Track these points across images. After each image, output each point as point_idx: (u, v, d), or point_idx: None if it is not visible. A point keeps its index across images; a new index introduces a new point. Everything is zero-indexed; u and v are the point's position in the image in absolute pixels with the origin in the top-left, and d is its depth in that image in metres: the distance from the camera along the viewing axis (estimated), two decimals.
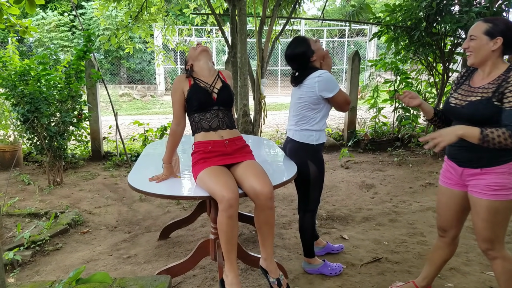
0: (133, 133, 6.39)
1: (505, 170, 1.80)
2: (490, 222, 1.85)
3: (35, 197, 4.15)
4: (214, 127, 2.25)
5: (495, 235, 1.88)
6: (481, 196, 1.86)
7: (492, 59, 1.82)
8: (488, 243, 1.90)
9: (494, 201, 1.82)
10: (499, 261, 1.91)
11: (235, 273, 2.05)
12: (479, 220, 1.89)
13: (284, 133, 7.87)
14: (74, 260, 2.85)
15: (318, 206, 2.64)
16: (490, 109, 1.77)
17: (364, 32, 16.67)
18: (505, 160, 1.80)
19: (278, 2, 5.31)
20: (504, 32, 1.77)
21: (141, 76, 15.55)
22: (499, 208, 1.83)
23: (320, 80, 2.33)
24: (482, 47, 1.81)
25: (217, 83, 2.32)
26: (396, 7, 5.23)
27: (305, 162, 2.45)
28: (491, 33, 1.79)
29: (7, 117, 5.20)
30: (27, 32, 3.72)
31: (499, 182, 1.81)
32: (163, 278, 1.86)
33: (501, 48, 1.80)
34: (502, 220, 1.85)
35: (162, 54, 7.90)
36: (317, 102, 2.40)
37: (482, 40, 1.81)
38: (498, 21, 1.80)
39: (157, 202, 4.05)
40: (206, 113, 2.26)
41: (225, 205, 1.93)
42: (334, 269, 2.60)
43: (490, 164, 1.82)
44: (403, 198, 4.12)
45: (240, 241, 3.03)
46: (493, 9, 4.55)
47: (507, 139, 1.67)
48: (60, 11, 14.76)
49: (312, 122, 2.44)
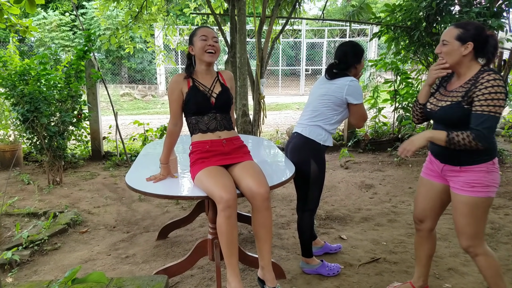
0: (133, 133, 6.40)
1: (482, 169, 1.88)
2: (470, 218, 1.92)
3: (34, 196, 4.15)
4: (212, 129, 2.24)
5: (476, 231, 1.94)
6: (461, 192, 1.94)
7: (465, 63, 1.88)
8: (470, 240, 1.96)
9: (472, 197, 1.90)
10: (481, 257, 1.97)
11: (238, 279, 2.02)
12: (459, 215, 1.96)
13: (284, 133, 7.86)
14: (73, 259, 2.85)
15: (318, 206, 2.64)
16: (460, 113, 1.84)
17: (365, 32, 16.65)
18: (483, 159, 1.87)
19: (278, 2, 5.30)
20: (474, 37, 1.83)
21: (142, 76, 15.57)
22: (478, 203, 1.90)
23: (351, 85, 2.40)
24: (454, 52, 1.87)
25: (216, 87, 2.28)
26: (396, 7, 5.22)
27: (308, 160, 2.47)
28: (462, 38, 1.85)
29: (7, 117, 5.21)
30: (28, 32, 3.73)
31: (476, 179, 1.88)
32: (160, 278, 1.86)
33: (472, 52, 1.85)
34: (481, 215, 1.92)
35: (163, 54, 7.91)
36: (339, 104, 2.45)
37: (453, 45, 1.87)
38: (469, 26, 1.85)
39: (156, 202, 4.05)
40: (203, 116, 2.24)
41: (223, 206, 1.93)
42: (332, 270, 2.59)
43: (469, 163, 1.90)
44: (402, 198, 4.11)
45: (239, 241, 3.03)
46: (493, 9, 4.54)
47: (471, 142, 1.77)
48: (61, 11, 14.78)
49: (327, 121, 2.48)
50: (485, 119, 1.76)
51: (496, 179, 1.90)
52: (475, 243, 1.95)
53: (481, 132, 1.76)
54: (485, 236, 1.99)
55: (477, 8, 4.53)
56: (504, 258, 2.77)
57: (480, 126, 1.76)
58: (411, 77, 6.22)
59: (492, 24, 4.39)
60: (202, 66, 2.28)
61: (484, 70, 1.84)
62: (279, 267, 2.52)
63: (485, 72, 1.82)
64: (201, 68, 2.29)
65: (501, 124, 7.57)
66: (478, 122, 1.77)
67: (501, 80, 1.78)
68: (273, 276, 2.14)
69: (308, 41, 16.25)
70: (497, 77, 1.78)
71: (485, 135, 1.76)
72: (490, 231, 3.23)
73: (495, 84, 1.76)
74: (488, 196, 1.89)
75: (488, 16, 4.44)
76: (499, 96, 1.75)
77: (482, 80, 1.79)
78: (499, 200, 3.98)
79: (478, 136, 1.76)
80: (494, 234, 3.18)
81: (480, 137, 1.76)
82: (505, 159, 5.35)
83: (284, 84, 16.69)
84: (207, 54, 2.22)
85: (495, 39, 1.85)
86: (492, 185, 1.89)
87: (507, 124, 7.36)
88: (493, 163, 1.89)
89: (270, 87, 16.18)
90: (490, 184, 1.88)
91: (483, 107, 1.76)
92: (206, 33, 2.23)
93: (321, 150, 2.49)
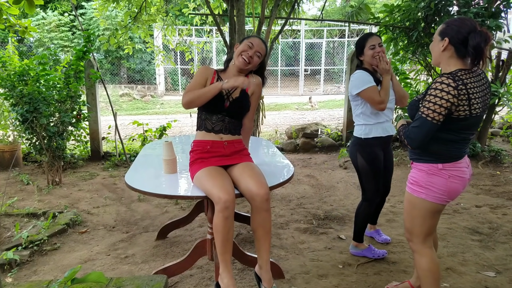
0: (132, 133, 6.41)
1: (423, 168, 1.89)
2: (407, 214, 1.97)
3: (34, 197, 4.16)
4: (216, 130, 2.25)
5: (412, 228, 1.97)
6: (406, 187, 2.00)
7: (444, 59, 1.83)
8: (407, 233, 2.02)
9: (409, 194, 1.95)
10: (416, 255, 2.01)
11: (230, 275, 2.06)
12: (404, 209, 2.02)
13: (283, 133, 7.87)
14: (72, 260, 2.86)
15: (377, 197, 2.75)
16: (414, 111, 1.88)
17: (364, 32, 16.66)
18: (425, 159, 1.89)
19: (277, 3, 5.31)
20: (451, 33, 1.77)
21: (141, 76, 15.56)
22: (414, 202, 1.93)
23: (351, 79, 2.60)
24: (435, 47, 1.87)
25: (236, 91, 2.26)
26: (395, 7, 5.24)
27: (355, 154, 2.68)
28: (442, 33, 1.81)
29: (6, 117, 5.21)
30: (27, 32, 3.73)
31: (415, 177, 1.92)
32: (159, 278, 1.86)
33: (451, 49, 1.79)
34: (417, 216, 1.93)
35: (162, 54, 7.91)
36: (353, 98, 2.64)
37: (435, 40, 1.87)
38: (451, 22, 1.79)
39: (155, 202, 4.06)
40: (213, 115, 2.25)
41: (221, 207, 1.94)
42: (377, 253, 2.79)
43: (416, 160, 1.94)
44: (400, 198, 4.12)
45: (237, 241, 3.04)
46: (491, 9, 4.56)
47: (401, 137, 1.89)
48: (61, 11, 14.77)
49: (357, 115, 2.68)
50: (417, 119, 1.80)
51: (438, 184, 1.83)
52: (411, 238, 2.01)
53: (410, 131, 1.81)
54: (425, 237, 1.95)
55: (475, 8, 4.55)
56: (502, 258, 2.78)
57: (412, 125, 1.81)
58: (410, 77, 6.23)
59: (490, 25, 4.40)
60: (234, 67, 2.31)
61: (443, 74, 1.77)
62: (278, 267, 2.53)
63: (443, 75, 1.75)
64: (233, 69, 2.32)
65: (499, 124, 7.59)
66: (414, 121, 1.82)
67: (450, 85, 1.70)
68: (270, 277, 2.15)
69: (307, 41, 16.27)
70: (445, 82, 1.71)
71: (411, 137, 1.81)
72: (487, 231, 3.25)
73: (437, 87, 1.72)
74: (421, 198, 1.87)
75: (486, 17, 4.46)
76: (435, 101, 1.71)
77: (430, 87, 1.78)
78: (497, 200, 3.99)
79: (406, 134, 1.81)
80: (492, 234, 3.19)
81: (406, 135, 1.81)
82: (503, 159, 5.37)
83: (283, 84, 16.69)
84: (240, 58, 2.24)
85: (478, 38, 1.70)
86: (429, 188, 1.84)
87: (505, 124, 7.38)
88: (437, 167, 1.84)
89: (269, 87, 16.19)
90: (426, 186, 1.85)
91: (421, 108, 1.79)
92: (255, 44, 2.26)
93: (366, 144, 2.62)
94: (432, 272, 1.97)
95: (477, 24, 1.76)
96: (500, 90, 5.08)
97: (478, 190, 4.33)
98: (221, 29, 5.53)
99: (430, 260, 1.97)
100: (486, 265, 2.69)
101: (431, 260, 1.97)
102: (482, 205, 3.86)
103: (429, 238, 1.98)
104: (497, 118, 6.97)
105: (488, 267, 2.67)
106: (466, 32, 1.73)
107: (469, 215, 3.60)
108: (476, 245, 3.00)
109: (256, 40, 2.26)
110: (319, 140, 6.53)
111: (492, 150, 5.49)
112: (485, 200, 4.00)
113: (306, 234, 3.24)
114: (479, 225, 3.38)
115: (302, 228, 3.36)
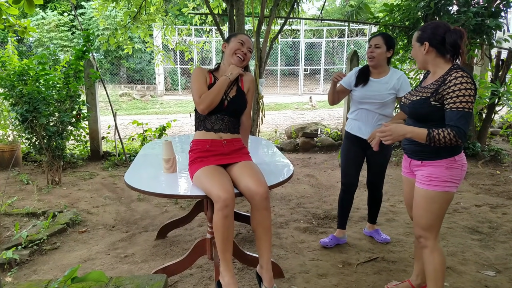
0: (132, 133, 6.40)
1: (442, 164, 1.94)
2: (426, 210, 1.98)
3: (33, 196, 4.15)
4: (216, 129, 2.27)
5: (429, 224, 1.99)
6: (419, 185, 2.01)
7: (430, 61, 1.98)
8: (422, 230, 2.02)
9: (428, 191, 1.96)
10: (427, 250, 2.03)
11: (231, 273, 2.06)
12: (416, 207, 2.03)
13: (282, 133, 7.87)
14: (72, 259, 2.86)
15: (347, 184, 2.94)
16: (426, 109, 1.92)
17: (364, 31, 16.67)
18: (443, 156, 1.93)
19: (277, 2, 5.31)
20: (428, 37, 1.93)
21: (140, 76, 15.56)
22: (433, 197, 1.95)
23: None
24: (417, 53, 2.01)
25: (233, 90, 2.32)
26: (395, 7, 5.24)
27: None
28: (420, 39, 1.98)
29: (6, 117, 5.21)
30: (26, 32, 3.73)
31: (434, 174, 1.94)
32: (159, 277, 1.86)
33: (433, 50, 1.94)
34: (436, 210, 1.97)
35: (162, 54, 7.91)
36: None
37: (415, 47, 2.02)
38: (425, 27, 1.97)
39: (155, 202, 4.06)
40: (212, 115, 2.27)
41: (221, 205, 1.94)
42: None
43: (429, 158, 1.97)
44: (400, 197, 4.12)
45: (237, 241, 3.04)
46: (491, 9, 4.55)
47: (451, 140, 1.79)
48: (60, 11, 14.76)
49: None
50: (461, 115, 1.80)
51: (456, 175, 1.94)
52: (426, 235, 2.01)
53: (461, 128, 1.79)
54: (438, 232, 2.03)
55: (475, 8, 4.55)
56: (502, 257, 2.78)
57: (459, 123, 1.80)
58: (410, 77, 6.23)
59: (490, 24, 4.40)
60: (227, 66, 2.33)
61: (453, 68, 1.90)
62: (278, 267, 2.53)
63: (453, 70, 1.88)
64: (226, 68, 2.34)
65: (499, 123, 7.59)
66: (455, 119, 1.81)
67: (469, 77, 1.82)
68: (271, 276, 2.15)
69: (306, 41, 16.26)
70: (464, 74, 1.82)
71: (464, 131, 1.80)
72: (487, 230, 3.25)
73: (463, 81, 1.81)
74: (444, 191, 1.94)
75: (486, 16, 4.45)
76: (469, 93, 1.80)
77: (450, 77, 1.85)
78: (496, 199, 4.00)
79: (459, 133, 1.79)
80: (492, 233, 3.19)
81: (460, 134, 1.79)
82: (503, 158, 5.37)
83: (283, 84, 16.69)
84: (235, 57, 2.30)
85: (454, 36, 1.87)
86: (450, 181, 1.93)
87: (505, 123, 7.38)
88: (454, 160, 1.94)
89: (268, 87, 16.19)
90: (448, 180, 1.93)
91: (457, 104, 1.81)
92: (244, 40, 2.32)
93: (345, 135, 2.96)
94: (443, 268, 2.01)
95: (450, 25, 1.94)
96: (500, 90, 5.08)
97: (478, 190, 4.33)
98: (221, 28, 5.52)
99: (441, 255, 2.01)
100: (486, 265, 2.69)
101: (442, 255, 2.02)
102: (482, 205, 3.86)
103: (439, 232, 2.05)
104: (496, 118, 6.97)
105: (488, 266, 2.67)
106: (442, 32, 1.92)
107: (469, 215, 3.60)
108: (476, 244, 3.01)
109: (244, 37, 2.34)
110: (319, 140, 6.54)
111: (492, 149, 5.49)
112: (485, 200, 4.00)
113: (306, 234, 3.24)
114: (479, 224, 3.38)
115: (301, 228, 3.36)
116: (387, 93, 2.72)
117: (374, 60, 2.72)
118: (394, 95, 2.74)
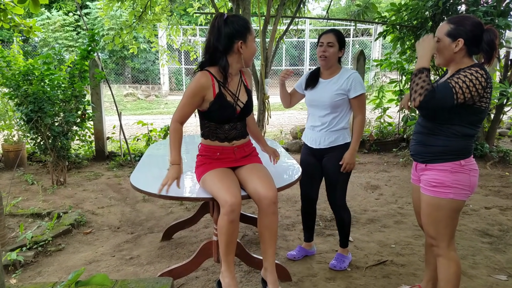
0: (137, 133, 6.39)
1: (446, 168, 1.83)
2: (431, 218, 1.89)
3: (38, 197, 4.14)
4: (230, 138, 2.16)
5: (437, 232, 1.90)
6: (424, 191, 1.92)
7: (456, 60, 1.83)
8: (431, 239, 1.93)
9: (432, 197, 1.87)
10: (442, 259, 1.93)
11: (232, 275, 2.05)
12: (423, 215, 1.94)
13: (287, 134, 7.83)
14: (77, 261, 2.83)
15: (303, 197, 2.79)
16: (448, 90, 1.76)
17: (369, 31, 16.58)
18: (448, 158, 1.83)
19: (283, 2, 5.27)
20: (465, 33, 1.77)
21: (145, 76, 15.57)
22: (440, 205, 1.85)
23: None
24: (445, 49, 1.84)
25: (241, 93, 2.16)
26: (402, 6, 5.18)
27: None
28: (453, 34, 1.80)
29: (11, 117, 5.21)
30: (31, 32, 3.72)
31: (438, 179, 1.84)
32: (165, 280, 1.83)
33: (464, 48, 1.80)
34: (443, 218, 1.86)
35: (167, 54, 7.89)
36: None
37: (444, 42, 1.83)
38: (460, 22, 1.80)
39: (160, 203, 4.03)
40: (225, 124, 2.14)
41: (227, 210, 1.91)
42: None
43: (433, 161, 1.87)
44: (408, 199, 4.07)
45: (243, 243, 3.00)
46: (500, 8, 4.49)
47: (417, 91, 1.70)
48: (65, 11, 14.81)
49: None
50: (447, 87, 1.70)
51: (463, 181, 1.82)
52: (437, 243, 1.92)
53: (435, 93, 1.69)
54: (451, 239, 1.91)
55: (484, 7, 4.49)
56: None
57: (439, 90, 1.70)
58: None
59: (499, 23, 4.34)
60: (238, 65, 2.11)
61: (472, 65, 1.77)
62: (285, 270, 2.49)
63: (476, 66, 1.76)
64: (236, 68, 2.12)
65: (507, 124, 7.51)
66: (440, 87, 1.71)
67: (483, 76, 1.71)
68: (275, 278, 2.12)
69: (311, 41, 16.19)
70: (481, 72, 1.72)
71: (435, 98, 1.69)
72: (498, 233, 3.19)
73: (473, 73, 1.71)
74: (449, 198, 1.82)
75: (495, 15, 4.39)
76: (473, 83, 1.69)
77: (465, 68, 1.76)
78: (507, 202, 3.93)
79: (430, 94, 1.68)
80: (503, 236, 3.14)
81: (430, 95, 1.68)
82: (511, 160, 5.30)
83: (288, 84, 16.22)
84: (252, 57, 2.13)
85: (491, 35, 1.76)
86: (456, 187, 1.81)
87: None
88: (460, 164, 1.82)
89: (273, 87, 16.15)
90: (452, 185, 1.81)
91: (453, 80, 1.71)
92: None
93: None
94: (457, 277, 1.91)
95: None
96: (508, 90, 5.01)
97: (487, 192, 4.27)
98: None
99: (456, 264, 1.91)
100: (498, 268, 2.63)
101: (457, 264, 1.91)
102: (491, 207, 3.80)
103: (453, 240, 1.93)
104: (505, 118, 6.89)
105: (499, 270, 2.61)
106: (480, 31, 1.77)
107: (479, 217, 3.54)
108: (487, 247, 2.95)
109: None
110: None
111: (501, 150, 5.42)
112: (494, 202, 3.94)
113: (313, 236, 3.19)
114: (489, 227, 3.32)
115: None
116: (334, 94, 2.44)
117: (326, 60, 2.46)
118: (343, 96, 2.45)
